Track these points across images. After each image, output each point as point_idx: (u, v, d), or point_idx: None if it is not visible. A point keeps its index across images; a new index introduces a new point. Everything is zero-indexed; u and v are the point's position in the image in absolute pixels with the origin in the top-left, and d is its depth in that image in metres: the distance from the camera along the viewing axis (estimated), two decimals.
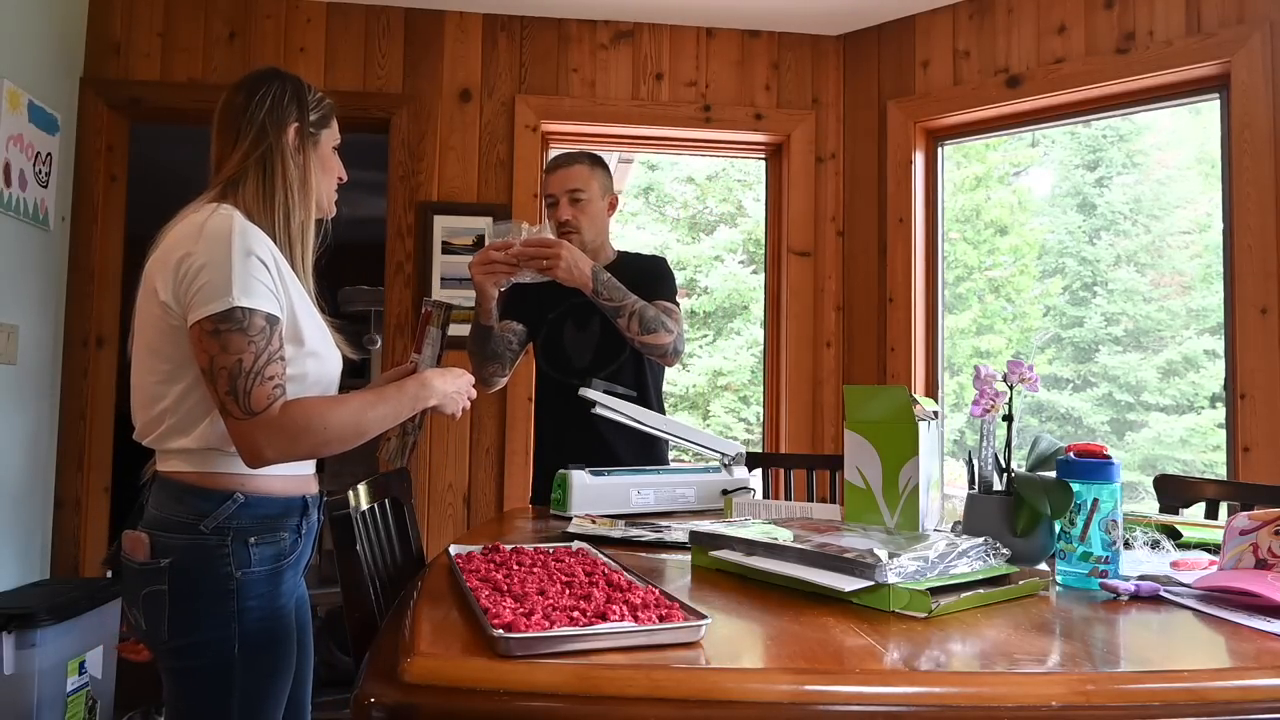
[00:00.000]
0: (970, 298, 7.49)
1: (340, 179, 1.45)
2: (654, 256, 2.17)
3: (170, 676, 1.24)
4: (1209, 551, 1.27)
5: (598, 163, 2.08)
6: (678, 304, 2.03)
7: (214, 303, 1.17)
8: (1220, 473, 2.67)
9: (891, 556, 0.94)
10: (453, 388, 1.39)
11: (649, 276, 2.04)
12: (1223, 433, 2.58)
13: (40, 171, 2.61)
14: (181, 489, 1.23)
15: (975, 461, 1.28)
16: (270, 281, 1.22)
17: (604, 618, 0.79)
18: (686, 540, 1.27)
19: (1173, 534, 1.34)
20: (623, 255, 2.14)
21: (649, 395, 2.03)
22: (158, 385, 1.25)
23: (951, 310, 7.42)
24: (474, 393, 1.46)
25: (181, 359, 1.23)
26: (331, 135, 1.42)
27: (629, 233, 8.60)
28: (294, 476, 1.33)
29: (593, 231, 2.04)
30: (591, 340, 2.03)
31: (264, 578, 1.26)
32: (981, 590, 0.97)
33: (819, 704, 0.70)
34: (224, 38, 2.92)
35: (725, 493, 1.77)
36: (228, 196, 1.29)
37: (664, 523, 1.55)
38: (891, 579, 0.92)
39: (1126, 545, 1.27)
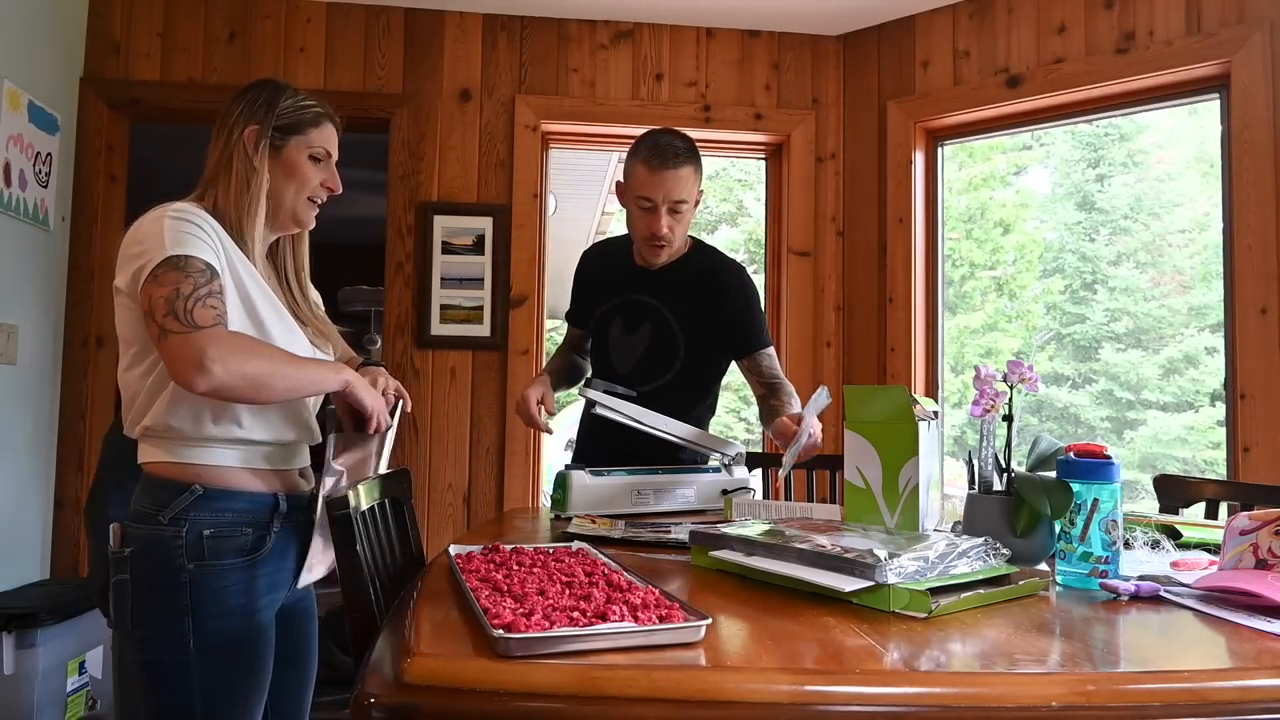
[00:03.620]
0: (974, 296, 7.49)
1: (331, 189, 1.43)
2: (734, 271, 1.91)
3: (136, 669, 1.24)
4: (1209, 551, 1.27)
5: (699, 158, 1.82)
6: (770, 340, 1.94)
7: (152, 260, 1.20)
8: (1219, 470, 2.67)
9: (891, 556, 0.94)
10: (364, 381, 1.37)
11: (739, 319, 1.87)
12: (1221, 430, 2.59)
13: (40, 171, 2.61)
14: (149, 480, 1.27)
15: (975, 461, 1.28)
16: (211, 243, 1.25)
17: (604, 618, 0.79)
18: (686, 540, 1.27)
19: (1173, 534, 1.34)
20: (696, 248, 1.92)
21: (697, 409, 1.94)
22: (125, 372, 1.30)
23: (959, 309, 7.40)
24: (387, 410, 1.41)
25: (142, 341, 1.26)
26: (304, 143, 1.39)
27: None
28: (263, 472, 1.34)
29: (681, 237, 1.86)
30: (638, 346, 1.91)
31: (221, 572, 1.26)
32: (981, 590, 0.97)
33: (819, 704, 0.70)
34: (224, 38, 2.92)
35: (725, 493, 1.77)
36: (205, 195, 1.35)
37: (664, 523, 1.55)
38: (891, 579, 0.92)
39: (1126, 545, 1.27)
